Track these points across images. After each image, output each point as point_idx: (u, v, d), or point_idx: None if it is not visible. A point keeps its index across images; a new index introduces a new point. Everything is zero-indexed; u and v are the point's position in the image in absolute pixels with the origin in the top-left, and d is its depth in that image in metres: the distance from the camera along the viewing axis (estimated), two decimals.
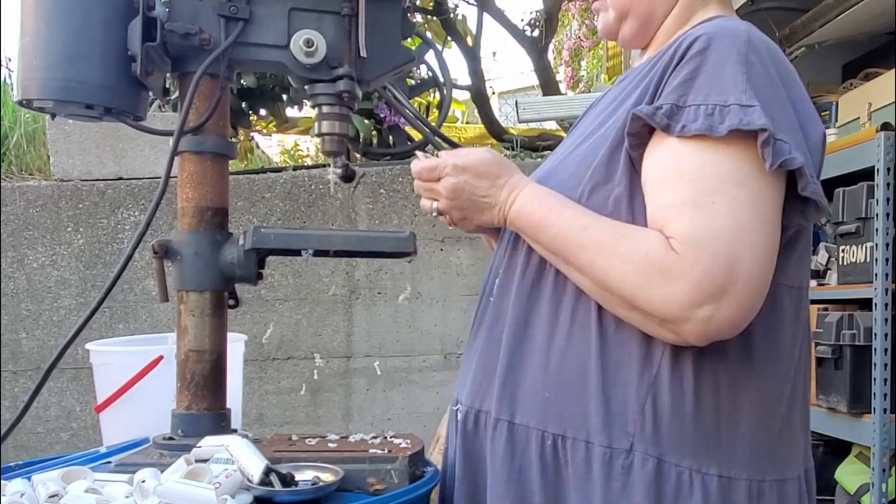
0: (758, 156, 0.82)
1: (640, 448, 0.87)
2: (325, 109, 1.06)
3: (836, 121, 2.56)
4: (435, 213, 1.01)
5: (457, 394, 1.06)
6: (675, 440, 0.87)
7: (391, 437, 1.05)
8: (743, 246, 0.81)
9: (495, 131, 4.26)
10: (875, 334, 2.12)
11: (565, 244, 0.90)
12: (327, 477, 0.90)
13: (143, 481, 0.80)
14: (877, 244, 2.12)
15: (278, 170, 3.11)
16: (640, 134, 0.89)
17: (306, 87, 1.07)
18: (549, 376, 0.93)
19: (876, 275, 2.12)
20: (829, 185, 2.38)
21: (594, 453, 0.89)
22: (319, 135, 1.08)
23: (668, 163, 0.86)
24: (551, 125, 5.18)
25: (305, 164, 3.88)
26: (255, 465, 0.86)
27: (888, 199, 2.11)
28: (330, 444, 1.02)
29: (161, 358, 1.48)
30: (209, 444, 0.91)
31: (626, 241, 0.86)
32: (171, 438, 1.01)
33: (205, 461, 0.88)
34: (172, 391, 1.05)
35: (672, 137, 0.86)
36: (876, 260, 2.12)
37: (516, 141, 3.96)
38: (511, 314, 0.98)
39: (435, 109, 4.43)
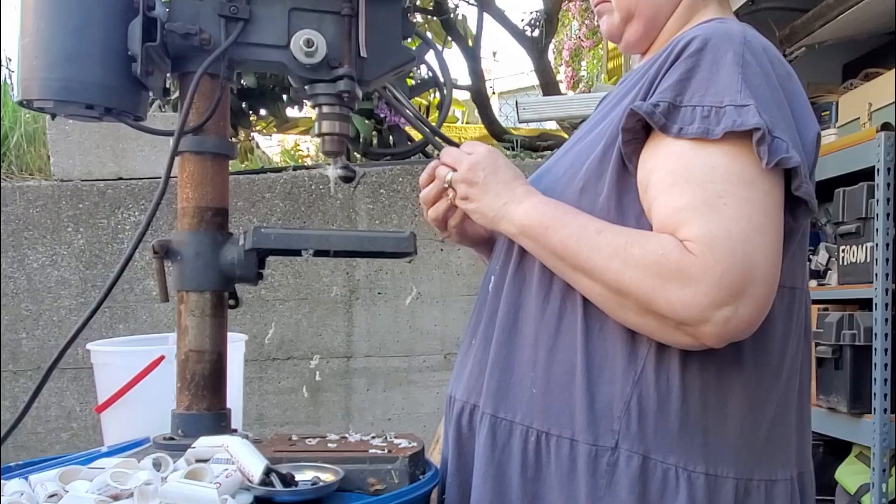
0: (755, 155, 0.83)
1: (626, 445, 0.88)
2: (325, 109, 1.06)
3: (836, 121, 2.56)
4: (446, 184, 1.01)
5: (451, 389, 1.07)
6: (660, 438, 0.87)
7: (392, 437, 1.05)
8: (757, 246, 0.81)
9: (495, 131, 4.26)
10: (875, 334, 2.12)
11: (578, 245, 0.88)
12: (327, 477, 0.90)
13: (148, 483, 0.80)
14: (877, 244, 2.12)
15: (278, 170, 3.11)
16: (634, 130, 0.89)
17: (306, 87, 1.06)
18: (537, 373, 0.94)
19: (876, 275, 2.12)
20: (829, 185, 2.38)
21: (579, 451, 0.89)
22: (319, 135, 1.08)
23: (672, 165, 0.86)
24: (551, 125, 5.18)
25: (305, 164, 3.88)
26: (255, 465, 0.85)
27: (888, 199, 2.11)
28: (330, 444, 1.02)
29: (162, 358, 1.48)
30: (204, 444, 0.91)
31: (640, 244, 0.85)
32: (171, 438, 1.01)
33: (205, 461, 0.88)
34: (173, 391, 1.04)
35: (669, 138, 0.86)
36: (876, 260, 2.12)
37: (516, 141, 3.96)
38: (501, 312, 0.99)
39: (435, 109, 4.43)
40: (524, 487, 0.92)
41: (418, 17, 4.34)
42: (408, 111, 1.31)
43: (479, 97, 4.33)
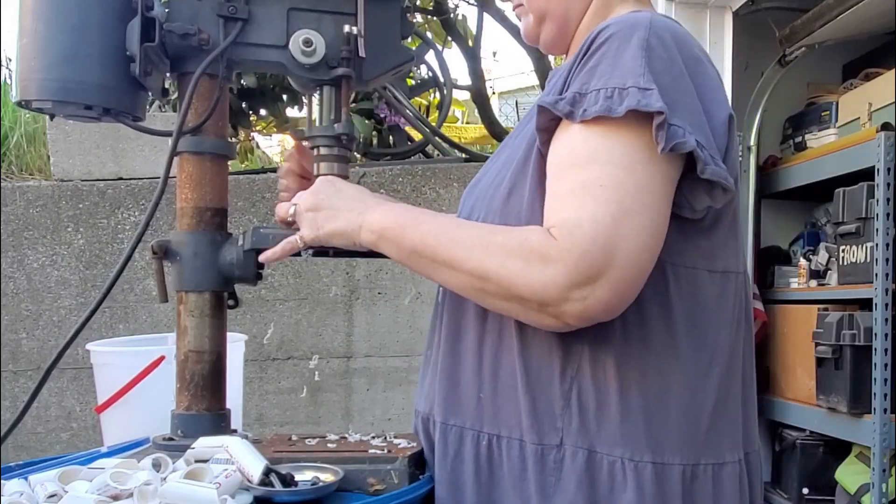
0: (652, 139, 0.83)
1: (570, 442, 0.89)
2: (322, 151, 1.07)
3: (836, 121, 2.56)
4: (290, 217, 1.00)
5: (416, 401, 1.09)
6: (603, 431, 0.89)
7: (391, 437, 1.05)
8: (623, 231, 0.82)
9: (495, 132, 4.26)
10: (875, 334, 2.12)
11: (437, 240, 0.90)
12: (327, 477, 0.90)
13: (148, 483, 0.80)
14: (877, 244, 2.12)
15: (278, 170, 3.10)
16: (550, 129, 0.90)
17: (305, 131, 1.08)
18: (484, 379, 0.95)
19: (876, 275, 2.12)
20: (829, 185, 2.38)
21: (527, 451, 0.91)
22: (317, 176, 1.08)
23: (565, 150, 0.88)
24: None
25: None
26: (254, 465, 0.85)
27: (888, 199, 2.11)
28: (330, 445, 1.02)
29: (163, 358, 1.48)
30: (204, 444, 0.91)
31: (502, 233, 0.88)
32: (170, 439, 1.01)
33: (205, 461, 0.88)
34: (172, 391, 1.05)
35: (575, 124, 0.87)
36: (876, 260, 2.12)
37: None
38: (446, 322, 1.01)
39: (435, 109, 4.42)
40: (479, 491, 0.94)
41: (418, 17, 4.33)
42: (408, 111, 1.32)
43: (479, 97, 4.33)
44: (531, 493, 0.90)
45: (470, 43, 4.29)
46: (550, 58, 4.66)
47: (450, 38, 4.24)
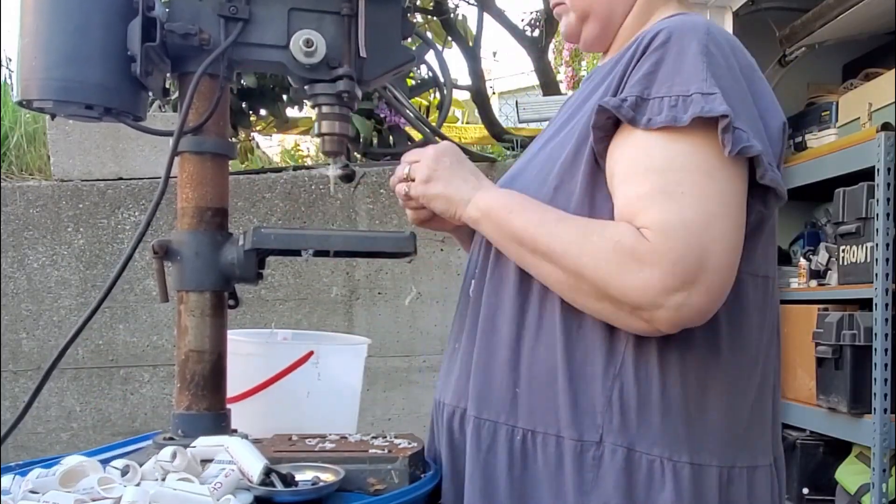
0: (717, 144, 0.84)
1: (610, 439, 0.89)
2: (324, 109, 1.06)
3: (836, 121, 2.56)
4: (405, 175, 1.02)
5: (440, 394, 1.08)
6: (644, 430, 0.89)
7: (392, 437, 1.05)
8: (712, 235, 0.83)
9: (495, 132, 4.26)
10: (875, 334, 2.12)
11: (538, 230, 0.90)
12: (328, 477, 0.90)
13: (138, 484, 0.79)
14: (877, 244, 2.12)
15: (278, 170, 3.11)
16: (605, 127, 0.90)
17: (306, 87, 1.07)
18: (520, 374, 0.95)
19: (876, 275, 2.12)
20: (829, 185, 2.38)
21: (565, 447, 0.91)
22: (319, 135, 1.08)
23: (635, 155, 0.88)
24: None
25: (305, 164, 3.88)
26: (255, 465, 0.85)
27: (888, 199, 2.11)
28: (330, 444, 1.02)
29: (311, 353, 1.42)
30: (204, 444, 0.91)
31: (598, 231, 0.87)
32: (170, 438, 1.01)
33: (209, 461, 0.88)
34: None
35: (638, 130, 0.87)
36: (876, 260, 2.12)
37: (516, 141, 3.96)
38: (482, 315, 1.00)
39: (435, 110, 4.42)
40: (511, 486, 0.93)
41: (418, 17, 4.33)
42: (408, 111, 1.31)
43: (479, 97, 4.33)
44: (567, 488, 0.90)
45: (470, 43, 4.28)
46: (551, 58, 4.66)
47: (450, 38, 4.24)
